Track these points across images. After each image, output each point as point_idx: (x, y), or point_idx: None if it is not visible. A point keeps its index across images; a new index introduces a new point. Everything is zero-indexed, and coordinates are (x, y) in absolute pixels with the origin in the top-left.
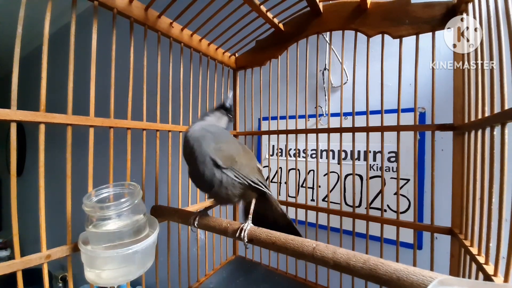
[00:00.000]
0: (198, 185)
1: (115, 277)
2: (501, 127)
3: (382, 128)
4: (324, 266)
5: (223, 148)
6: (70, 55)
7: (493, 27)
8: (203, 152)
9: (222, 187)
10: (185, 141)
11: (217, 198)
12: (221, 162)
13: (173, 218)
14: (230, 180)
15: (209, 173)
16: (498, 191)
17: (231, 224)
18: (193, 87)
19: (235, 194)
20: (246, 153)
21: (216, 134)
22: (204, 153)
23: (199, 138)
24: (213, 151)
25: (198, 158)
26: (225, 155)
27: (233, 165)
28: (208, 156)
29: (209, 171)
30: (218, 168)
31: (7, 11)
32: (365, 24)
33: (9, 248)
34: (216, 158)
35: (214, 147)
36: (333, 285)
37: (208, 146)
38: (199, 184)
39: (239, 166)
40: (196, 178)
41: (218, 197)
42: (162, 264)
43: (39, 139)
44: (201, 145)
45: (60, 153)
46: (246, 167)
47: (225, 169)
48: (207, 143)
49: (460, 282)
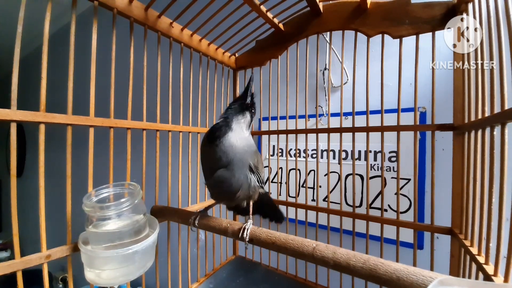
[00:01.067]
0: (222, 192)
1: (115, 277)
2: (501, 127)
3: (382, 128)
4: (324, 266)
5: (256, 153)
6: (70, 55)
7: (493, 27)
8: (243, 160)
9: (250, 189)
10: (217, 150)
11: (236, 201)
12: (255, 167)
13: (173, 218)
14: (253, 183)
15: (243, 179)
16: (498, 191)
17: (231, 224)
18: (193, 87)
19: (251, 196)
20: (260, 157)
21: (248, 140)
22: (244, 161)
23: (238, 148)
24: (252, 158)
25: (235, 166)
26: (258, 160)
27: (259, 169)
28: (247, 163)
29: (244, 177)
30: (251, 173)
31: (7, 11)
32: (365, 24)
33: (9, 249)
34: (253, 164)
35: (250, 154)
36: (333, 285)
37: (246, 153)
38: (225, 190)
39: (260, 170)
40: (220, 185)
41: (238, 200)
42: (162, 264)
43: (39, 139)
44: (241, 153)
45: (60, 153)
46: (261, 169)
47: (253, 173)
48: (245, 150)
49: (460, 282)
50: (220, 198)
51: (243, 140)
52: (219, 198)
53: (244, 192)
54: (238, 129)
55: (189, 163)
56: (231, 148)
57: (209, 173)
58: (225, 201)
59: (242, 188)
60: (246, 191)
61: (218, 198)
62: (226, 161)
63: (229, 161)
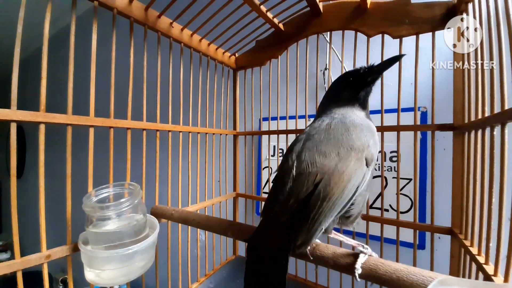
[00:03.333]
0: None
1: (115, 277)
2: (501, 127)
3: (382, 128)
4: (324, 266)
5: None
6: (70, 55)
7: (493, 27)
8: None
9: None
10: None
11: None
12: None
13: (173, 218)
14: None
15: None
16: (498, 191)
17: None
18: (193, 87)
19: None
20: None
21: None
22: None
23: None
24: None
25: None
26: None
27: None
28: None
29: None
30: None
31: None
32: (365, 24)
33: (9, 251)
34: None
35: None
36: (333, 285)
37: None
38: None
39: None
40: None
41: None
42: (162, 264)
43: (39, 139)
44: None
45: (60, 154)
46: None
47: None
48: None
49: (460, 282)
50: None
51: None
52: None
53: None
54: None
55: (189, 163)
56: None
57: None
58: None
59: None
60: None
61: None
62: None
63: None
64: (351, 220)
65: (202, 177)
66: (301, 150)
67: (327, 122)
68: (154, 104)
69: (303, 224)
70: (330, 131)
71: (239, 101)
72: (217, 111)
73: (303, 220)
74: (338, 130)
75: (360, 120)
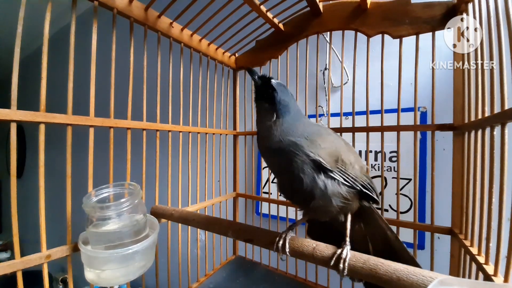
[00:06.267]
0: (291, 197)
1: (115, 277)
2: (501, 127)
3: (382, 128)
4: (324, 266)
5: (323, 143)
6: (70, 55)
7: (493, 27)
8: (298, 151)
9: (327, 197)
10: (269, 146)
11: (316, 212)
12: (324, 161)
13: (173, 218)
14: (336, 186)
15: (308, 180)
16: (498, 191)
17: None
18: (193, 87)
19: (340, 206)
20: (349, 147)
21: (306, 125)
22: (300, 153)
23: (291, 139)
24: (311, 148)
25: (293, 162)
26: (328, 152)
27: (341, 165)
28: (304, 156)
29: (308, 177)
30: (320, 172)
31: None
32: (365, 24)
33: (9, 250)
34: (318, 157)
35: (310, 144)
36: (333, 285)
37: (303, 143)
38: (293, 196)
39: (347, 165)
40: (288, 189)
41: (318, 211)
42: (162, 264)
43: (39, 139)
44: (296, 144)
45: (60, 154)
46: (354, 165)
47: (330, 171)
48: (300, 140)
49: (460, 282)
50: (308, 212)
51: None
52: (307, 213)
53: (327, 201)
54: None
55: (189, 163)
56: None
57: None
58: (315, 215)
59: (316, 195)
60: (327, 199)
61: (306, 213)
62: (284, 156)
63: (286, 156)
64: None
65: (202, 177)
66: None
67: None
68: (154, 104)
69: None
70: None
71: (239, 101)
72: (217, 111)
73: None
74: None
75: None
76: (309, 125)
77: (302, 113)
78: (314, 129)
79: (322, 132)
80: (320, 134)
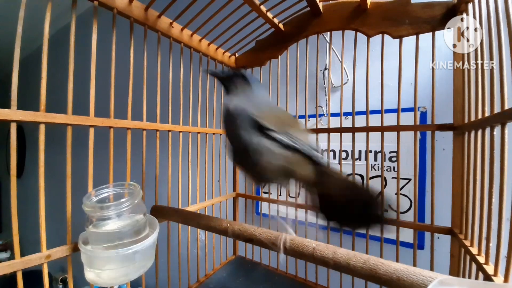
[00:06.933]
0: (239, 161)
1: (115, 277)
2: (501, 127)
3: (382, 128)
4: (324, 266)
5: (267, 109)
6: (70, 55)
7: (493, 27)
8: (244, 114)
9: (263, 152)
10: (226, 115)
11: (260, 172)
12: (264, 121)
13: (173, 218)
14: (274, 144)
15: (247, 137)
16: (498, 191)
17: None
18: (193, 87)
19: (282, 165)
20: (293, 118)
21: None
22: (245, 114)
23: (240, 105)
24: (254, 111)
25: (240, 126)
26: (268, 115)
27: (280, 127)
28: (248, 117)
29: (248, 134)
30: (261, 132)
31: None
32: (365, 24)
33: (9, 250)
34: (258, 118)
35: (256, 109)
36: (333, 285)
37: (251, 108)
38: (241, 159)
39: (287, 128)
40: (237, 152)
41: (261, 170)
42: (162, 264)
43: (39, 139)
44: (244, 109)
45: (60, 154)
46: (295, 131)
47: (268, 130)
48: (249, 106)
49: (460, 282)
50: (256, 178)
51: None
52: (259, 179)
53: (264, 157)
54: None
55: (189, 163)
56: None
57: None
58: (259, 178)
59: (257, 153)
60: (264, 154)
61: (259, 180)
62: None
63: (235, 122)
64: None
65: (202, 177)
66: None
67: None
68: (154, 104)
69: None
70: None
71: None
72: (217, 111)
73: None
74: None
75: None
76: (261, 99)
77: (264, 94)
78: (263, 100)
79: (270, 103)
80: (268, 104)
